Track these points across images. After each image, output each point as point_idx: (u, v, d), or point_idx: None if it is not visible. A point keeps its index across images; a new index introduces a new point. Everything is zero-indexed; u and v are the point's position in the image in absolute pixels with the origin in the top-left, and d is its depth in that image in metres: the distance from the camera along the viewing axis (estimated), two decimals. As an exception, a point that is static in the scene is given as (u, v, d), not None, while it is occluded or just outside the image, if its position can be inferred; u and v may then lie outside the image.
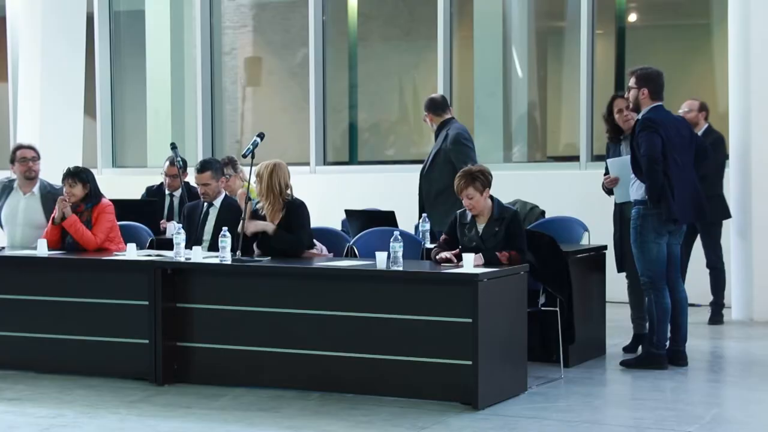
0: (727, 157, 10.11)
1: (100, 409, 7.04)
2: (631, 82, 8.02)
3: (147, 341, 7.64)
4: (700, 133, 9.43)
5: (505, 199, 7.82)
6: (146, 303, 7.64)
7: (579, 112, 11.84)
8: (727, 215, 9.83)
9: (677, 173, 7.86)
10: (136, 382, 7.66)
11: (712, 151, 8.28)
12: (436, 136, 9.18)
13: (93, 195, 8.40)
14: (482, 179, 7.41)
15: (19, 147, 8.97)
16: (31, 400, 7.30)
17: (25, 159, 8.83)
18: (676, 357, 8.06)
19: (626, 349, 8.60)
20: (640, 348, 8.45)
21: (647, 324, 8.23)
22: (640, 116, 7.97)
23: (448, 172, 8.82)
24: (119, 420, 6.77)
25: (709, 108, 9.88)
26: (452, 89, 12.60)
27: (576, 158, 11.87)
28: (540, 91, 13.20)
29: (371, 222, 8.81)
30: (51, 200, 8.69)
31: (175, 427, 6.61)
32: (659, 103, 7.98)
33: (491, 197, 7.50)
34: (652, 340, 8.00)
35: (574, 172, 11.75)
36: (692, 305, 8.65)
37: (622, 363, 8.08)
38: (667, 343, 8.04)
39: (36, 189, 8.83)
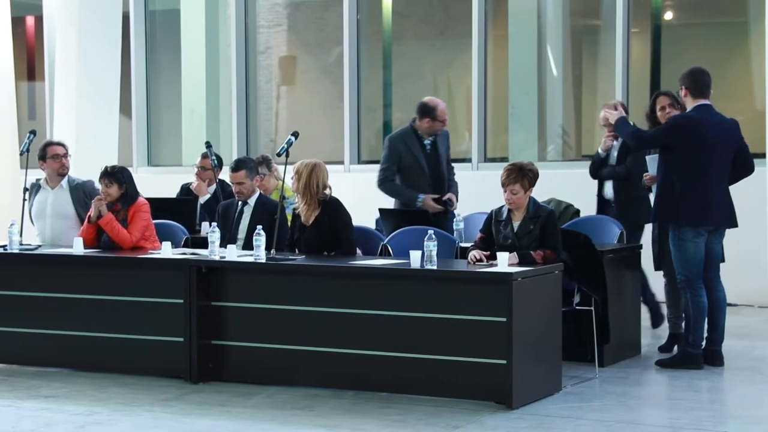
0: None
1: (135, 406, 7.07)
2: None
3: (182, 339, 7.66)
4: None
5: (540, 197, 7.79)
6: (181, 301, 7.67)
7: (614, 110, 11.76)
8: (650, 219, 8.77)
9: (714, 177, 7.79)
10: (171, 380, 7.69)
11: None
12: (431, 141, 9.23)
13: (129, 195, 8.43)
14: (530, 177, 7.40)
15: (50, 144, 9.02)
16: (68, 398, 7.34)
17: (58, 156, 8.89)
18: (712, 357, 8.01)
19: (662, 349, 8.55)
20: (675, 347, 8.40)
21: (683, 323, 8.18)
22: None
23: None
24: (154, 418, 6.80)
25: (627, 107, 9.47)
26: (487, 88, 12.58)
27: (611, 157, 11.80)
28: (575, 90, 13.15)
29: (405, 221, 8.80)
30: (80, 192, 8.83)
31: (209, 425, 6.63)
32: (703, 102, 7.87)
33: (527, 195, 7.50)
34: (688, 339, 7.94)
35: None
36: (729, 305, 8.58)
37: (658, 363, 8.04)
38: (704, 343, 7.99)
39: (64, 182, 8.91)
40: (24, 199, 8.99)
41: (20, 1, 14.85)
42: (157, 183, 12.15)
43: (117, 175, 8.40)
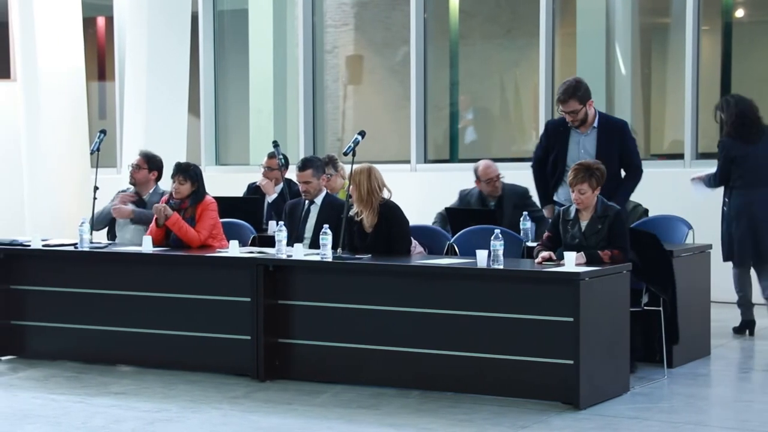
0: None
1: (203, 404, 7.12)
2: (573, 105, 8.00)
3: (249, 337, 7.71)
4: None
5: (608, 197, 7.74)
6: (248, 300, 7.71)
7: (684, 109, 11.67)
8: None
9: None
10: (238, 378, 7.74)
11: None
12: (496, 203, 9.49)
13: (199, 193, 8.48)
14: (598, 176, 7.36)
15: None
16: (136, 395, 7.41)
17: (130, 165, 9.06)
18: None
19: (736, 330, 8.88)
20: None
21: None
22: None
23: None
24: (222, 415, 6.85)
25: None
26: (554, 87, 12.51)
27: (680, 156, 11.71)
28: (644, 89, 13.04)
29: (472, 220, 8.78)
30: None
31: (276, 422, 6.67)
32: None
33: (595, 195, 7.45)
34: None
35: (679, 170, 11.58)
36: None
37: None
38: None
39: (152, 191, 9.03)
40: (95, 198, 9.09)
41: (91, 2, 15.02)
42: (224, 182, 12.23)
43: (190, 172, 8.46)
